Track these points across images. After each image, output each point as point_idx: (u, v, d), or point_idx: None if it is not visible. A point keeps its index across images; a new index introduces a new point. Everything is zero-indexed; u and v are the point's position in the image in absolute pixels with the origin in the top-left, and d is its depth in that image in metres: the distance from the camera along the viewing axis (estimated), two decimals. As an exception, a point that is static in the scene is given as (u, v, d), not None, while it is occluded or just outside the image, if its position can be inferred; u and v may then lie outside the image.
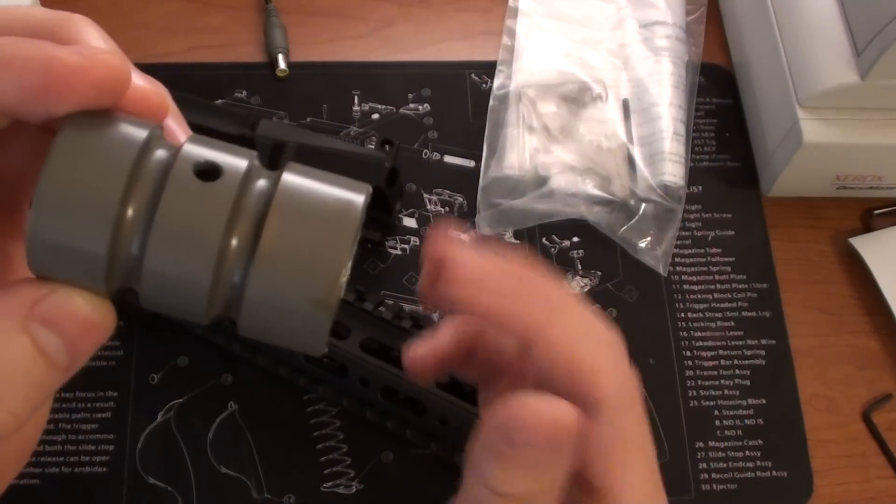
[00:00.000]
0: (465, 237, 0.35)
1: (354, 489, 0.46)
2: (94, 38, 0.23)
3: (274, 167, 0.22)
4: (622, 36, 0.58)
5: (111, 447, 0.47)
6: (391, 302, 0.48)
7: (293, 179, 0.22)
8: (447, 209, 0.54)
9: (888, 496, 0.48)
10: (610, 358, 0.26)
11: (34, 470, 0.46)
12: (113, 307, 0.22)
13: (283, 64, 0.57)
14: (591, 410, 0.25)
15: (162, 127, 0.23)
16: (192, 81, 0.57)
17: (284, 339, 0.22)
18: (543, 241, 0.53)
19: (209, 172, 0.21)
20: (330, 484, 0.46)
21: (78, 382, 0.48)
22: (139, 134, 0.21)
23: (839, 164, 0.52)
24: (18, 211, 0.24)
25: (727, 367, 0.50)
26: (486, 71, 0.58)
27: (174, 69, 0.58)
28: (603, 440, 0.25)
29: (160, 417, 0.47)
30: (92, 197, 0.20)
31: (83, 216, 0.20)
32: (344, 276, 0.21)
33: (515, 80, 0.56)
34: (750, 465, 0.48)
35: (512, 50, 0.58)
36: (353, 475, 0.47)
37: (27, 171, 0.23)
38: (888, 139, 0.51)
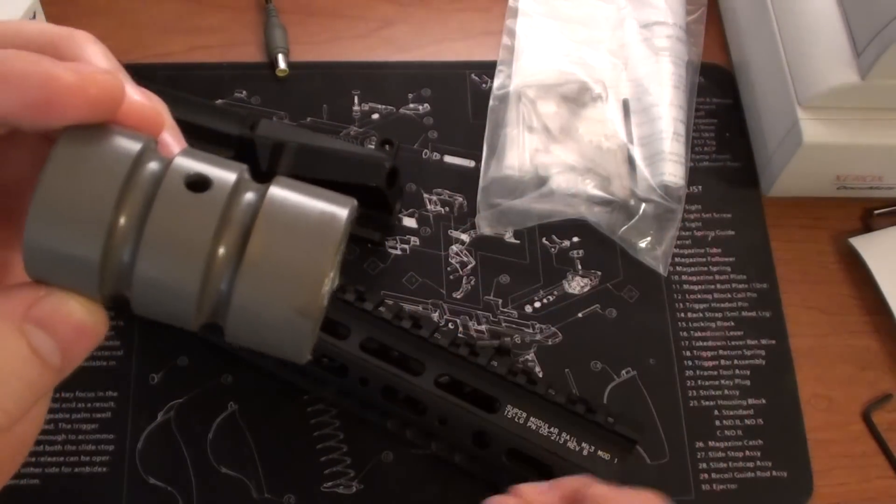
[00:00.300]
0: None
1: (354, 489, 0.46)
2: (94, 54, 0.24)
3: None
4: (622, 36, 0.58)
5: (111, 447, 0.47)
6: (391, 302, 0.48)
7: (280, 192, 0.23)
8: (447, 209, 0.54)
9: (888, 496, 0.48)
10: None
11: (34, 470, 0.46)
12: (105, 313, 0.23)
13: (283, 64, 0.57)
14: None
15: (157, 140, 0.24)
16: (192, 81, 0.57)
17: (269, 346, 0.23)
18: (543, 241, 0.53)
19: (199, 184, 0.22)
20: (330, 484, 0.47)
21: (78, 382, 0.48)
22: (133, 147, 0.22)
23: (839, 164, 0.52)
24: (18, 218, 0.25)
25: (727, 367, 0.50)
26: (486, 71, 0.58)
27: (174, 69, 0.58)
28: None
29: (160, 417, 0.47)
30: (86, 206, 0.21)
31: (77, 224, 0.21)
32: (327, 285, 0.22)
33: (515, 80, 0.56)
34: (750, 465, 0.48)
35: (512, 50, 0.58)
36: (353, 475, 0.47)
37: (28, 178, 0.24)
38: (888, 139, 0.51)
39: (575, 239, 0.53)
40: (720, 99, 0.59)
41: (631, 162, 0.54)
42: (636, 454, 0.48)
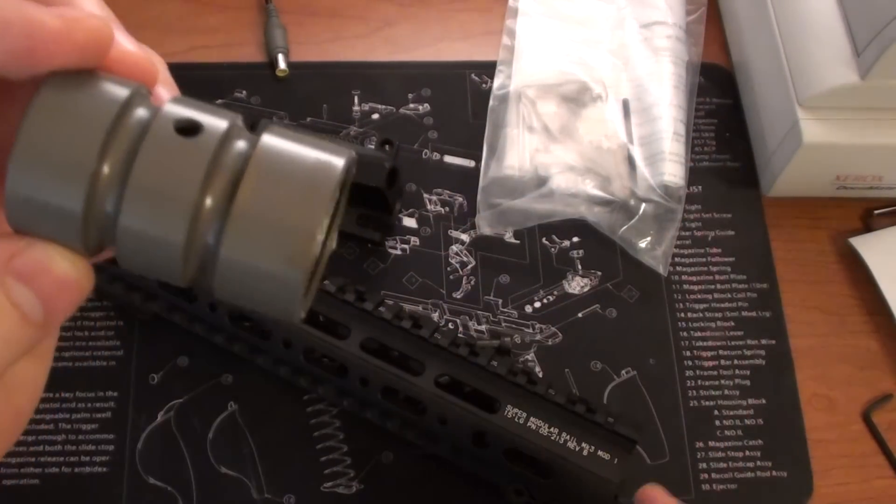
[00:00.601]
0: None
1: (354, 489, 0.46)
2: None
3: None
4: (622, 36, 0.58)
5: (111, 447, 0.47)
6: (391, 302, 0.48)
7: (273, 140, 0.22)
8: (447, 209, 0.54)
9: (888, 496, 0.48)
10: None
11: (34, 470, 0.46)
12: (90, 267, 0.22)
13: (283, 64, 0.57)
14: None
15: (150, 91, 0.23)
16: (192, 81, 0.56)
17: (259, 301, 0.22)
18: (543, 241, 0.53)
19: (189, 129, 0.21)
20: (330, 484, 0.46)
21: (78, 382, 0.48)
22: (121, 92, 0.21)
23: (839, 164, 0.52)
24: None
25: (727, 367, 0.50)
26: (486, 71, 0.58)
27: (174, 69, 0.57)
28: None
29: (160, 417, 0.47)
30: (68, 153, 0.20)
31: (59, 172, 0.20)
32: (320, 236, 0.21)
33: (515, 80, 0.56)
34: (750, 465, 0.48)
35: (512, 50, 0.58)
36: (353, 475, 0.47)
37: None
38: (888, 139, 0.51)
39: (575, 239, 0.53)
40: (720, 99, 0.59)
41: (631, 162, 0.54)
42: (636, 454, 0.48)
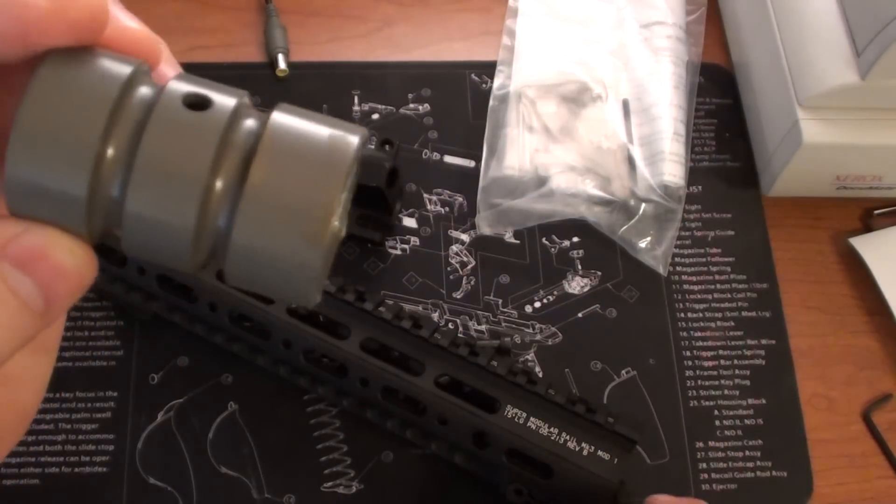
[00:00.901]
0: None
1: (354, 489, 0.46)
2: None
3: None
4: (622, 36, 0.58)
5: (111, 447, 0.47)
6: (391, 302, 0.48)
7: (284, 117, 0.21)
8: (447, 209, 0.54)
9: (888, 496, 0.48)
10: None
11: (34, 470, 0.46)
12: (93, 254, 0.21)
13: (283, 64, 0.57)
14: None
15: (152, 67, 0.22)
16: (192, 81, 0.57)
17: (274, 286, 0.21)
18: (543, 241, 0.53)
19: (197, 104, 0.20)
20: (330, 484, 0.47)
21: (78, 382, 0.48)
22: (123, 69, 0.20)
23: (839, 164, 0.52)
24: None
25: (727, 367, 0.50)
26: (486, 71, 0.58)
27: (174, 69, 0.57)
28: None
29: (160, 417, 0.47)
30: (70, 134, 0.20)
31: (61, 155, 0.20)
32: (338, 210, 0.20)
33: (515, 80, 0.56)
34: (750, 465, 0.48)
35: (512, 50, 0.58)
36: (353, 475, 0.47)
37: None
38: (888, 139, 0.51)
39: (575, 239, 0.53)
40: (720, 99, 0.59)
41: (631, 162, 0.54)
42: (636, 454, 0.48)
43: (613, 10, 0.59)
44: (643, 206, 0.53)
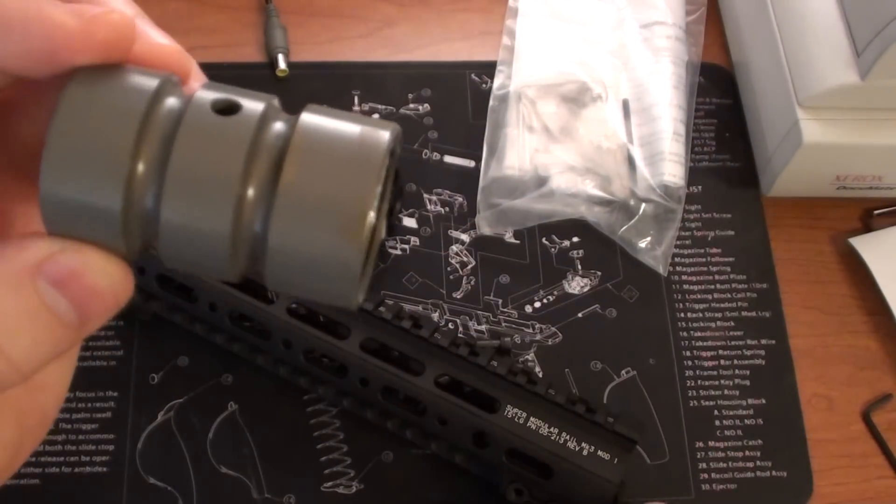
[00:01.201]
0: None
1: (354, 489, 0.46)
2: None
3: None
4: (622, 36, 0.58)
5: (111, 447, 0.47)
6: (391, 302, 0.48)
7: (313, 118, 0.21)
8: (447, 209, 0.54)
9: (888, 496, 0.48)
10: None
11: (34, 470, 0.46)
12: (129, 270, 0.21)
13: (283, 64, 0.57)
14: None
15: (184, 83, 0.22)
16: (192, 81, 0.57)
17: (315, 287, 0.21)
18: (543, 241, 0.53)
19: (226, 109, 0.21)
20: (330, 484, 0.47)
21: (78, 382, 0.48)
22: (150, 82, 0.21)
23: (839, 164, 0.52)
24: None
25: (727, 367, 0.50)
26: (486, 71, 0.58)
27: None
28: None
29: (160, 417, 0.47)
30: (101, 150, 0.20)
31: (94, 172, 0.20)
32: (373, 204, 0.20)
33: (515, 80, 0.56)
34: (750, 465, 0.48)
35: (512, 50, 0.58)
36: (353, 475, 0.47)
37: None
38: (888, 139, 0.51)
39: (575, 239, 0.53)
40: (720, 99, 0.59)
41: (631, 162, 0.54)
42: (636, 454, 0.48)
43: (613, 10, 0.59)
44: (643, 206, 0.53)
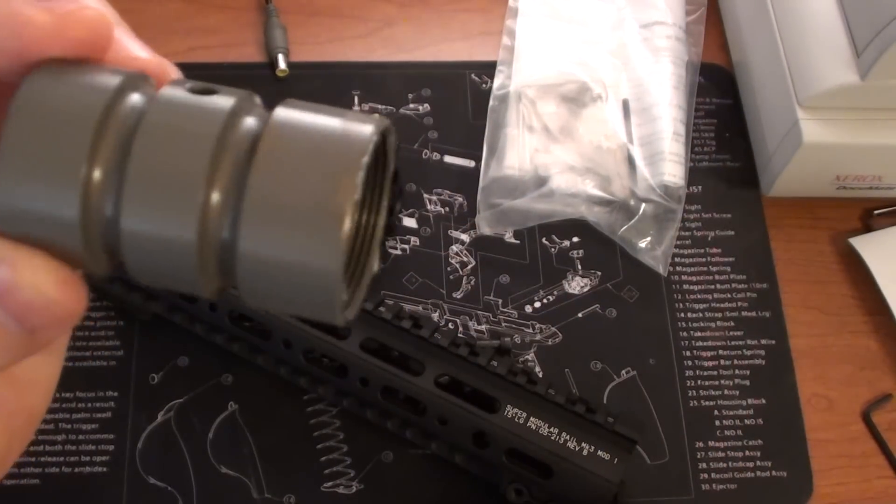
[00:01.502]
0: None
1: (354, 489, 0.46)
2: None
3: None
4: (622, 36, 0.58)
5: (111, 447, 0.47)
6: (391, 302, 0.48)
7: (288, 112, 0.19)
8: (447, 209, 0.54)
9: (888, 496, 0.48)
10: None
11: (34, 470, 0.46)
12: (78, 283, 0.20)
13: (283, 64, 0.57)
14: None
15: (147, 76, 0.21)
16: (192, 81, 0.57)
17: (295, 299, 0.19)
18: (543, 241, 0.53)
19: (200, 92, 0.19)
20: (330, 484, 0.47)
21: (78, 382, 0.48)
22: (113, 79, 0.19)
23: (839, 164, 0.52)
24: None
25: (727, 367, 0.50)
26: (486, 71, 0.58)
27: (174, 69, 0.57)
28: None
29: (160, 417, 0.47)
30: (55, 155, 0.18)
31: (47, 177, 0.18)
32: (350, 207, 0.18)
33: (515, 80, 0.56)
34: (750, 465, 0.48)
35: (512, 50, 0.58)
36: (353, 475, 0.47)
37: None
38: (888, 139, 0.51)
39: (575, 239, 0.53)
40: (720, 99, 0.59)
41: (631, 162, 0.54)
42: (636, 454, 0.48)
43: (613, 10, 0.59)
44: (643, 206, 0.53)
